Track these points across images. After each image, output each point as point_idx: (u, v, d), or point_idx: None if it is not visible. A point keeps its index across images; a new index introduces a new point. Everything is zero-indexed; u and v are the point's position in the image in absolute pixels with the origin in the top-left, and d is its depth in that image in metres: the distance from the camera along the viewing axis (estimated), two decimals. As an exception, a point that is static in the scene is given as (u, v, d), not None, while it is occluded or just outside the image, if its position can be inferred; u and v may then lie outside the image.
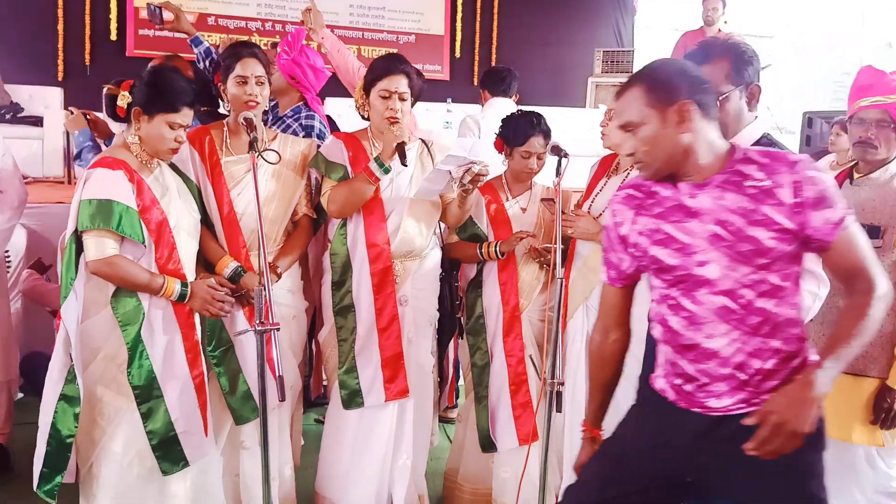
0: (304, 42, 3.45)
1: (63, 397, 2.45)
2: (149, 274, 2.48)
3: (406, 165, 2.75)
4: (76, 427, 2.46)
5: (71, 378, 2.45)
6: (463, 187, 2.81)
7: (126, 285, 2.47)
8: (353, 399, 2.90)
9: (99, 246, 2.42)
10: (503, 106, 4.57)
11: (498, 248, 2.99)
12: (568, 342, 2.97)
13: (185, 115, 2.52)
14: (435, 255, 3.04)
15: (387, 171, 2.76)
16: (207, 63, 3.33)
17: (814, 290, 1.99)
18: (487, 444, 3.08)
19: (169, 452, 2.53)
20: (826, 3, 7.47)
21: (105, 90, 2.56)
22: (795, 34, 7.67)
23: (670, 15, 7.77)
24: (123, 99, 2.50)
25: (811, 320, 2.27)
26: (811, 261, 1.96)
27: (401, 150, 2.70)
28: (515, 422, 3.02)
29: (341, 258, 2.90)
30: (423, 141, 3.03)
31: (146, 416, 2.50)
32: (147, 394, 2.50)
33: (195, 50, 3.38)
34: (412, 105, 2.91)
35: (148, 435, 2.50)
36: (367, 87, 2.85)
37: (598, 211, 2.87)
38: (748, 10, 7.09)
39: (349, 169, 2.86)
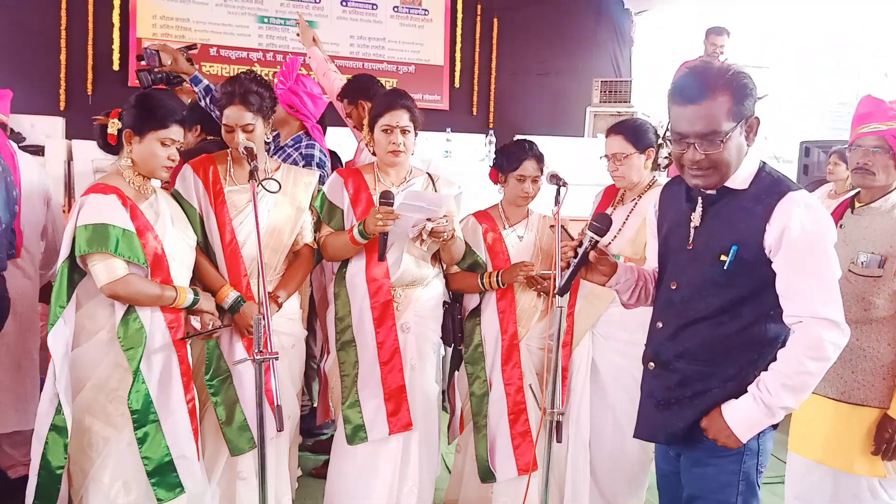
0: (301, 71, 3.48)
1: (53, 428, 2.43)
2: (160, 286, 2.50)
3: (383, 260, 2.79)
4: (66, 458, 2.44)
5: (60, 409, 2.43)
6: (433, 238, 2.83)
7: (141, 301, 2.48)
8: (356, 434, 2.89)
9: (109, 268, 2.43)
10: None
11: (500, 279, 2.99)
12: (573, 370, 2.96)
13: (176, 132, 2.54)
14: (437, 283, 3.04)
15: (367, 238, 2.79)
16: (209, 101, 3.36)
17: (836, 341, 1.86)
18: (486, 474, 3.05)
19: (164, 479, 2.51)
20: (822, 33, 7.53)
21: (95, 122, 2.59)
22: (792, 64, 7.73)
23: (667, 45, 7.84)
24: (113, 126, 2.55)
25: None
26: (836, 312, 1.87)
27: (383, 242, 2.73)
28: (514, 451, 3.00)
29: (344, 292, 2.91)
30: (429, 175, 3.05)
31: (142, 441, 2.48)
32: (143, 418, 2.48)
33: (195, 89, 3.42)
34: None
35: (143, 461, 2.48)
36: (371, 123, 2.89)
37: (605, 240, 2.88)
38: (744, 40, 7.15)
39: (348, 209, 2.90)
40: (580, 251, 2.04)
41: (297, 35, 4.14)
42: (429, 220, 2.77)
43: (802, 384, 1.88)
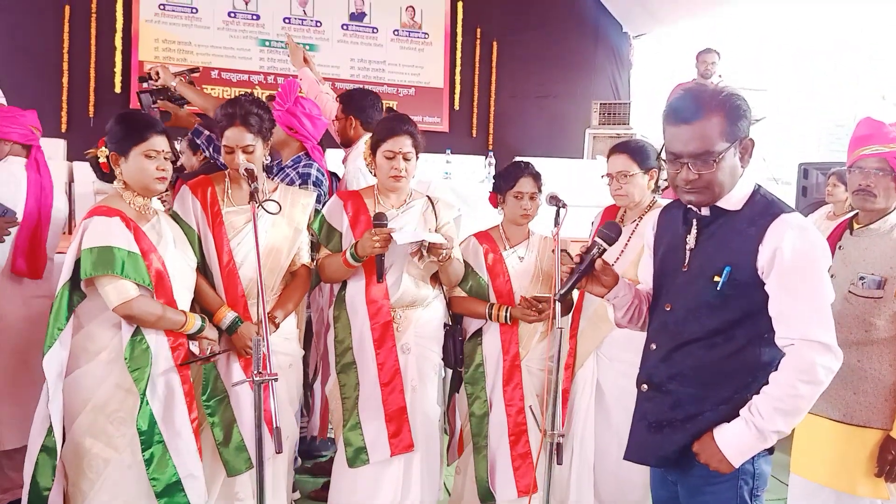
0: (301, 93, 3.51)
1: (44, 448, 2.44)
2: (171, 309, 2.51)
3: (381, 282, 2.82)
4: (53, 480, 2.44)
5: (51, 430, 2.43)
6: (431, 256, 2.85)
7: (150, 323, 2.48)
8: (358, 456, 2.88)
9: (119, 290, 2.44)
10: None
11: (509, 314, 2.99)
12: (577, 392, 2.95)
13: (158, 142, 2.56)
14: (438, 304, 3.04)
15: (359, 261, 2.82)
16: (211, 150, 3.38)
17: (828, 365, 1.83)
18: (486, 496, 3.03)
19: (173, 499, 2.50)
20: (820, 35, 7.57)
21: (87, 156, 2.63)
22: (789, 71, 7.76)
23: (665, 68, 7.90)
24: (102, 154, 2.59)
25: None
26: (828, 335, 1.85)
27: (380, 263, 2.77)
28: (515, 473, 2.98)
29: (344, 314, 2.91)
30: (429, 198, 3.06)
31: (149, 463, 2.47)
32: (149, 439, 2.48)
33: (198, 140, 3.45)
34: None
35: (151, 482, 2.47)
36: (374, 147, 2.91)
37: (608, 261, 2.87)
38: (741, 64, 7.21)
39: (347, 232, 2.91)
40: (587, 258, 2.04)
41: (288, 56, 4.17)
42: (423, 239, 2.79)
43: (794, 408, 1.85)
